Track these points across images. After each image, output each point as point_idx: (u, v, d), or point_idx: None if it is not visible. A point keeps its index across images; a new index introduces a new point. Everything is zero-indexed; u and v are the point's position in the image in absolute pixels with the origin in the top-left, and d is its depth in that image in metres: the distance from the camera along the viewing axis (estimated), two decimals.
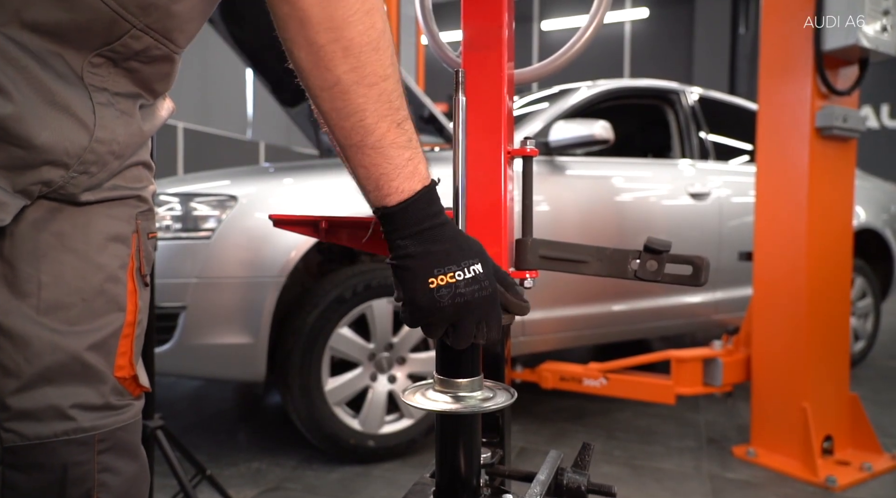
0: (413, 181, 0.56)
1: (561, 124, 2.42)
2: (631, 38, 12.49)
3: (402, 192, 0.55)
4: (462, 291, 0.56)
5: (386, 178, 0.55)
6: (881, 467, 2.01)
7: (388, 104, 0.53)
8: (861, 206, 3.39)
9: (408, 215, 0.55)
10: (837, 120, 1.99)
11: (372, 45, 0.52)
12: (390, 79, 0.53)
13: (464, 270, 0.56)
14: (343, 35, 0.51)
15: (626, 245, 0.74)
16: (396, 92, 0.54)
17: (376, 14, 0.52)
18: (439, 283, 0.55)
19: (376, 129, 0.53)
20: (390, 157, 0.54)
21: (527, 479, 0.66)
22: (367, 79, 0.52)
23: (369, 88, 0.52)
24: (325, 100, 0.53)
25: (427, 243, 0.56)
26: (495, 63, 0.75)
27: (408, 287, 0.56)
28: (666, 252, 0.70)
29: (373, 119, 0.53)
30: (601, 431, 2.41)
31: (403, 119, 0.55)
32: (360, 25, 0.51)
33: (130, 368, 0.64)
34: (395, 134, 0.54)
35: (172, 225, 1.92)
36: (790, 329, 2.08)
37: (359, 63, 0.51)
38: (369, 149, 0.54)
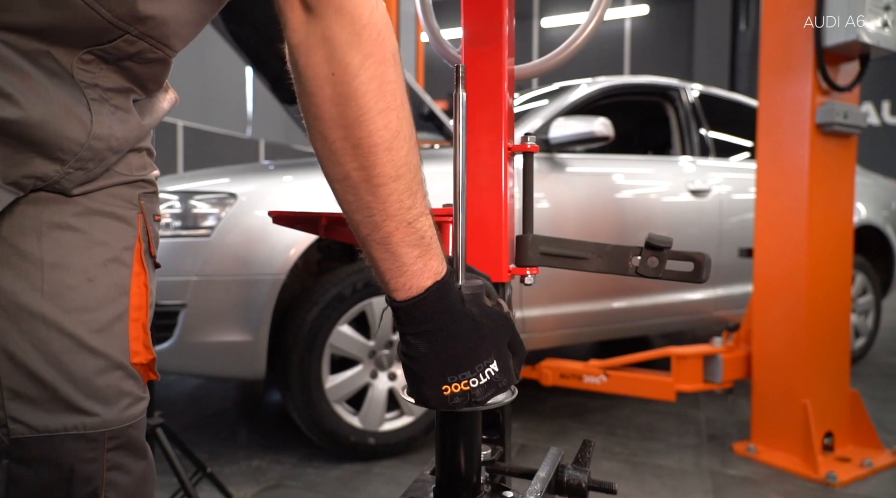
0: (422, 279, 0.53)
1: (561, 121, 2.41)
2: (631, 35, 12.47)
3: (409, 290, 0.53)
4: (478, 398, 0.54)
5: (392, 273, 0.53)
6: (882, 463, 2.01)
7: (397, 204, 0.52)
8: (862, 203, 3.39)
9: (415, 313, 0.53)
10: (838, 116, 1.98)
11: (384, 145, 0.50)
12: (402, 178, 0.52)
13: (478, 375, 0.54)
14: (353, 134, 0.50)
15: (626, 242, 0.74)
16: (409, 191, 0.52)
17: (392, 114, 0.51)
18: (453, 390, 0.53)
19: (383, 227, 0.52)
20: (398, 255, 0.53)
21: (527, 476, 0.65)
22: (375, 178, 0.51)
23: (377, 188, 0.51)
24: (337, 191, 0.54)
25: (437, 346, 0.53)
26: (496, 59, 0.75)
27: (418, 390, 0.55)
28: (667, 249, 0.70)
29: (380, 218, 0.52)
30: (601, 428, 2.41)
31: (416, 217, 0.53)
32: (372, 125, 0.50)
33: (147, 352, 0.62)
34: (404, 233, 0.52)
35: (172, 223, 1.92)
36: (791, 326, 2.08)
37: (367, 162, 0.50)
38: (377, 244, 0.53)
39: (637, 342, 3.62)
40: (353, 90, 0.49)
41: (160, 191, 1.95)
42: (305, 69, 0.50)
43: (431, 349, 0.53)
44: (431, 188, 2.10)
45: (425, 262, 0.53)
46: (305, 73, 0.50)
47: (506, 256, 0.75)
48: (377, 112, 0.50)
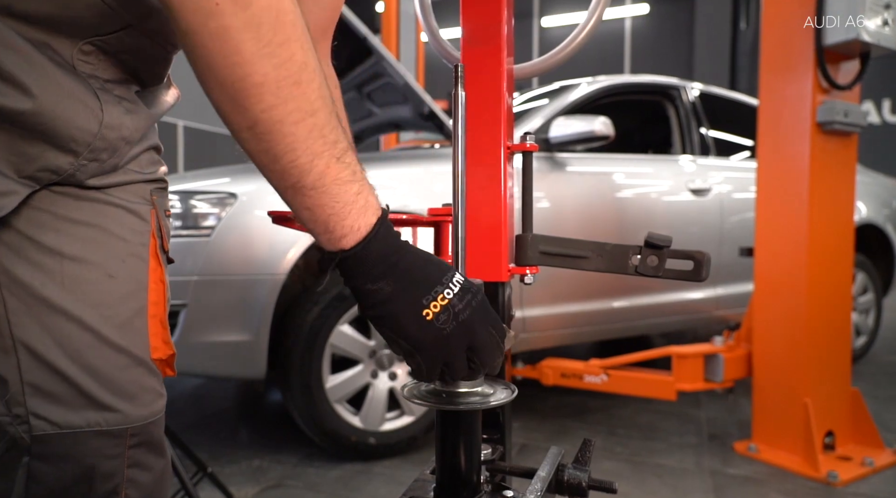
0: (367, 215, 0.50)
1: (561, 121, 2.41)
2: (631, 34, 12.46)
3: (358, 230, 0.50)
4: (459, 306, 0.52)
5: (336, 218, 0.49)
6: (883, 462, 2.00)
7: (321, 139, 0.48)
8: (862, 202, 3.39)
9: (371, 254, 0.50)
10: (838, 115, 1.98)
11: (292, 78, 0.46)
12: (320, 112, 0.48)
13: (448, 285, 0.52)
14: (255, 70, 0.45)
15: (626, 241, 0.74)
16: (330, 124, 0.49)
17: (294, 45, 0.46)
18: (433, 310, 0.51)
19: (313, 168, 0.48)
20: (336, 194, 0.49)
21: (528, 475, 0.65)
22: (291, 116, 0.46)
23: (296, 125, 0.47)
24: (247, 141, 0.48)
25: (402, 276, 0.51)
26: (495, 58, 0.74)
27: (403, 332, 0.51)
28: (667, 247, 0.70)
29: (306, 158, 0.47)
30: (602, 428, 2.41)
31: (343, 152, 0.49)
32: (275, 59, 0.45)
33: (167, 347, 0.61)
34: (337, 169, 0.49)
35: (172, 222, 1.92)
36: (791, 325, 2.08)
37: (278, 100, 0.46)
38: (309, 190, 0.48)
39: (638, 342, 3.62)
40: (246, 21, 0.44)
41: None
42: (182, 2, 0.43)
43: (396, 283, 0.50)
44: (431, 188, 2.11)
45: (365, 197, 0.51)
46: (184, 6, 0.43)
47: (505, 256, 0.75)
48: (277, 44, 0.45)
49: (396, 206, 2.05)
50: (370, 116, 2.81)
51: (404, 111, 2.63)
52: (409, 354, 0.53)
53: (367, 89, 2.62)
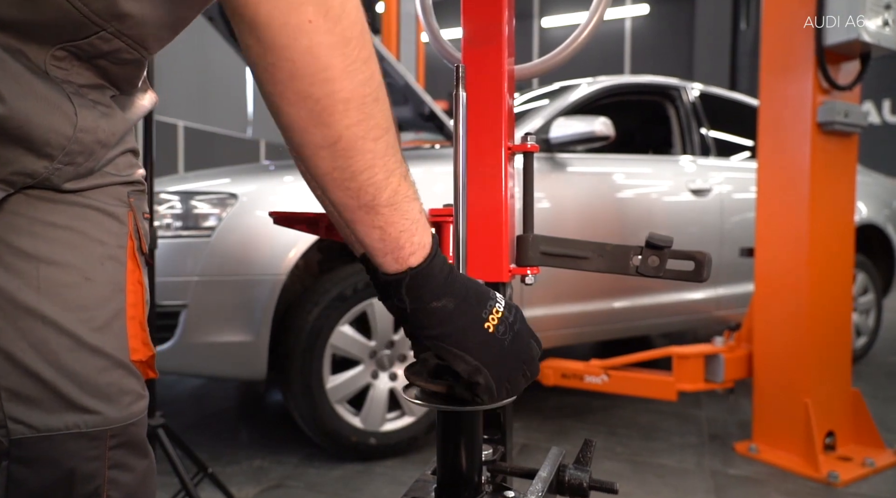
0: (428, 232, 0.51)
1: (561, 121, 2.41)
2: (631, 35, 12.47)
3: (424, 246, 0.51)
4: (511, 318, 0.53)
5: (407, 234, 0.50)
6: (883, 463, 2.00)
7: (395, 156, 0.49)
8: (863, 202, 3.39)
9: (434, 269, 0.51)
10: (839, 115, 1.98)
11: (373, 95, 0.47)
12: (392, 129, 0.49)
13: (496, 299, 0.54)
14: (344, 86, 0.45)
15: (627, 241, 0.74)
16: (397, 144, 0.50)
17: (374, 63, 0.47)
18: (493, 323, 0.52)
19: (388, 185, 0.48)
20: (406, 211, 0.49)
21: (528, 475, 0.65)
22: (372, 132, 0.47)
23: (375, 142, 0.47)
24: (325, 159, 0.47)
25: (461, 291, 0.51)
26: (496, 59, 0.74)
27: (469, 346, 0.51)
28: (667, 248, 0.70)
29: (383, 175, 0.48)
30: (603, 428, 2.41)
31: (407, 169, 0.51)
32: (361, 75, 0.46)
33: (146, 348, 0.61)
34: (406, 186, 0.50)
35: (173, 223, 1.92)
36: (792, 325, 2.08)
37: (363, 116, 0.46)
38: (384, 207, 0.49)
39: (638, 342, 3.62)
40: (337, 38, 0.44)
41: (161, 191, 1.96)
42: (271, 18, 0.43)
43: (457, 298, 0.51)
44: (432, 188, 2.11)
45: (424, 216, 0.52)
46: (273, 22, 0.43)
47: (506, 256, 0.75)
48: (363, 61, 0.46)
49: None
50: None
51: (405, 112, 2.63)
52: (475, 371, 0.52)
53: None
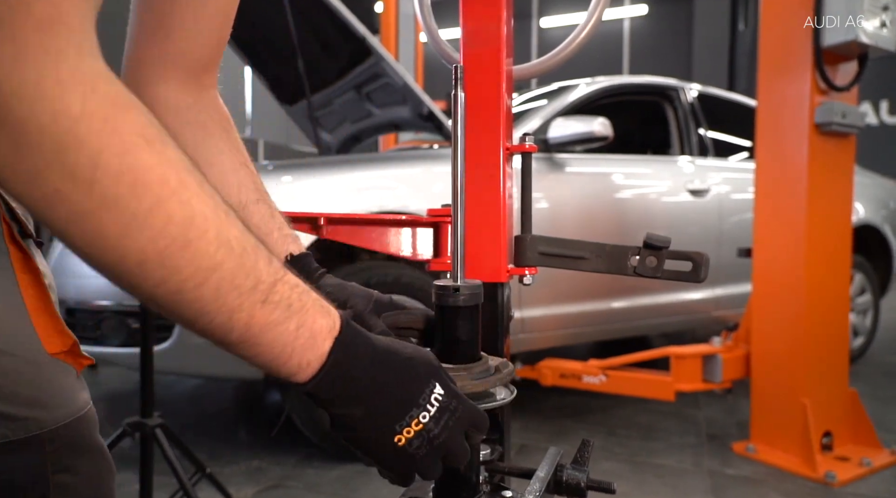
0: (317, 346, 0.44)
1: (560, 121, 2.41)
2: (630, 35, 12.48)
3: (309, 365, 0.44)
4: (436, 431, 0.47)
5: (278, 360, 0.43)
6: (880, 463, 2.01)
7: (234, 292, 0.40)
8: (860, 203, 3.39)
9: (333, 384, 0.45)
10: (836, 116, 1.99)
11: (177, 243, 0.37)
12: (225, 262, 0.40)
13: (426, 406, 0.47)
14: (129, 250, 0.37)
15: (625, 242, 0.74)
16: (242, 270, 0.41)
17: (170, 203, 0.37)
18: (406, 436, 0.46)
19: (234, 325, 0.41)
20: (271, 341, 0.43)
21: (526, 475, 0.65)
22: (188, 282, 0.39)
23: (198, 290, 0.39)
24: (158, 309, 0.41)
25: (373, 400, 0.46)
26: (494, 59, 0.75)
27: (377, 458, 0.48)
28: (665, 248, 0.70)
29: (223, 317, 0.41)
30: (601, 428, 2.41)
31: (268, 290, 0.42)
32: (149, 230, 0.37)
33: (62, 337, 0.54)
34: (264, 314, 0.42)
35: None
36: (789, 325, 2.08)
37: (167, 272, 0.38)
38: (239, 344, 0.42)
39: (636, 342, 3.62)
40: (97, 202, 0.35)
41: None
42: (18, 192, 0.36)
43: (368, 407, 0.46)
44: (430, 188, 2.11)
45: (309, 326, 0.44)
46: (23, 197, 0.36)
47: (504, 256, 0.75)
48: (145, 214, 0.37)
49: (395, 206, 2.05)
50: (369, 117, 2.81)
51: (403, 112, 2.64)
52: (379, 470, 0.50)
53: (366, 90, 2.62)
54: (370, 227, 0.78)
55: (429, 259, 0.80)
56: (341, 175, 2.11)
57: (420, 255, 0.81)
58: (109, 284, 0.42)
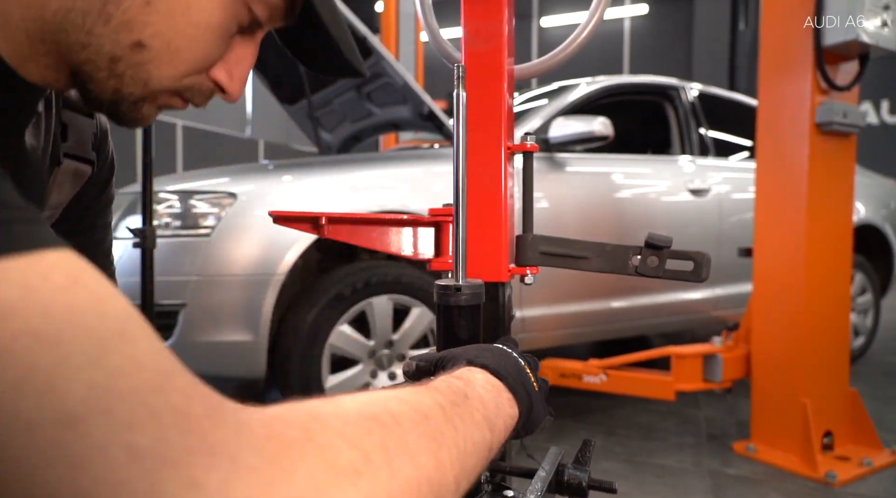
0: (501, 396, 0.52)
1: (560, 121, 2.41)
2: (630, 35, 12.47)
3: (512, 402, 0.54)
4: (535, 376, 0.59)
5: (505, 426, 0.52)
6: (881, 463, 2.01)
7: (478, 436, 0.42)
8: (861, 202, 3.39)
9: (518, 391, 0.56)
10: (837, 115, 1.98)
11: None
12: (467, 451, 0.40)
13: (516, 353, 0.60)
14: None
15: (625, 241, 0.74)
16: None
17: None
18: (532, 379, 0.58)
19: (492, 440, 0.45)
20: (501, 426, 0.49)
21: (528, 475, 0.65)
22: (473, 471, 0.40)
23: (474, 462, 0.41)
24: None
25: (518, 382, 0.56)
26: (495, 59, 0.74)
27: (537, 410, 0.59)
28: (667, 248, 0.70)
29: (489, 440, 0.44)
30: (601, 428, 2.41)
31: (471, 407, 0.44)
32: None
33: None
34: (484, 427, 0.45)
35: (172, 222, 1.92)
36: (790, 325, 2.08)
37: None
38: (493, 440, 0.48)
39: (636, 342, 3.62)
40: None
41: (160, 190, 1.96)
42: None
43: (525, 389, 0.56)
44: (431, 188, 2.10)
45: (497, 394, 0.50)
46: None
47: (506, 256, 0.75)
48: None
49: (396, 205, 2.05)
50: (369, 116, 2.81)
51: (404, 111, 2.64)
52: (546, 425, 0.61)
53: (366, 89, 2.62)
54: (371, 226, 0.78)
55: (430, 259, 0.80)
56: (341, 175, 2.11)
57: (421, 254, 0.80)
58: None
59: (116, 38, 0.42)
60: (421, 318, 2.10)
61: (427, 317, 2.10)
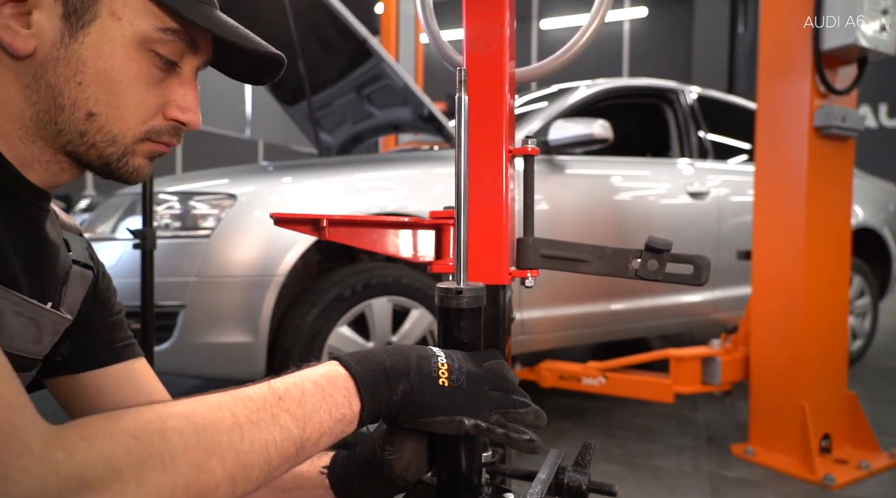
0: (337, 376, 0.51)
1: (560, 123, 2.42)
2: (630, 37, 12.49)
3: (348, 390, 0.51)
4: (456, 365, 0.55)
5: (338, 413, 0.50)
6: (879, 466, 2.01)
7: (266, 421, 0.46)
8: (859, 205, 3.40)
9: (373, 385, 0.51)
10: (836, 119, 1.99)
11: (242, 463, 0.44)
12: (235, 429, 0.45)
13: (437, 354, 0.55)
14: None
15: (624, 244, 0.74)
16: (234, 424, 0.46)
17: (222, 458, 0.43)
18: (444, 376, 0.53)
19: (290, 429, 0.47)
20: (313, 409, 0.48)
21: (528, 478, 0.66)
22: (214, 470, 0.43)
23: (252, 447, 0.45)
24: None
25: (402, 370, 0.53)
26: (497, 62, 0.75)
27: (441, 408, 0.53)
28: (667, 251, 0.70)
29: (278, 433, 0.46)
30: (600, 430, 2.41)
31: (276, 403, 0.48)
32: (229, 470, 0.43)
33: None
34: (290, 403, 0.48)
35: (172, 224, 1.92)
36: (788, 328, 2.08)
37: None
38: (305, 434, 0.48)
39: (635, 344, 3.62)
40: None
41: (160, 192, 1.96)
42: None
43: (407, 378, 0.53)
44: (431, 190, 2.11)
45: (318, 374, 0.51)
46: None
47: (506, 259, 0.75)
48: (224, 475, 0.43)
49: (395, 207, 2.05)
50: (370, 118, 2.82)
51: (404, 113, 2.64)
52: (457, 424, 0.53)
53: (366, 91, 2.63)
54: (372, 228, 0.78)
55: (430, 261, 0.80)
56: (341, 176, 2.12)
57: (421, 257, 0.80)
58: None
59: (73, 118, 0.53)
60: (420, 320, 2.10)
61: (426, 319, 2.10)
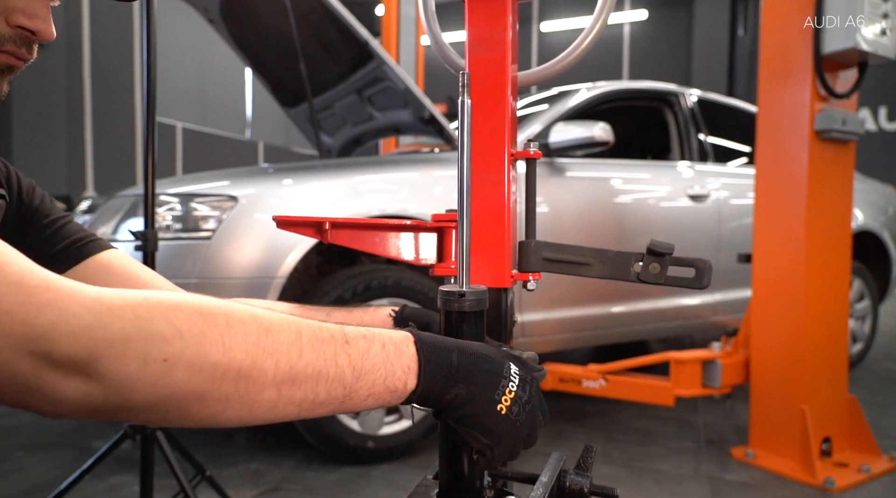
0: (404, 352, 0.50)
1: (560, 126, 2.42)
2: (630, 40, 12.51)
3: (409, 369, 0.50)
4: (525, 397, 0.53)
5: (390, 381, 0.49)
6: (879, 469, 2.01)
7: (317, 354, 0.46)
8: (859, 209, 3.40)
9: (433, 374, 0.50)
10: (836, 123, 1.99)
11: (259, 346, 0.43)
12: (304, 334, 0.46)
13: (510, 377, 0.53)
14: (232, 367, 0.41)
15: (625, 247, 0.75)
16: (312, 334, 0.46)
17: (216, 317, 0.42)
18: (506, 404, 0.52)
19: (342, 367, 0.46)
20: (371, 370, 0.48)
21: (529, 480, 0.66)
22: (284, 370, 0.44)
23: (300, 368, 0.45)
24: (288, 407, 0.46)
25: (468, 376, 0.51)
26: (500, 65, 0.75)
27: (486, 429, 0.52)
28: (669, 255, 0.70)
29: (332, 367, 0.46)
30: (600, 432, 2.41)
31: (341, 334, 0.48)
32: (235, 350, 0.41)
33: None
34: (354, 354, 0.47)
35: (173, 225, 1.92)
36: (789, 331, 2.08)
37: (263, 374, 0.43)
38: (355, 383, 0.47)
39: (636, 347, 3.62)
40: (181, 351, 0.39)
41: (161, 193, 1.96)
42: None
43: (468, 385, 0.51)
44: (431, 192, 2.11)
45: (392, 342, 0.50)
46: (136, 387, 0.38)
47: (508, 262, 0.75)
48: (218, 338, 0.41)
49: (395, 209, 2.05)
50: (370, 120, 2.82)
51: (404, 115, 2.64)
52: (485, 447, 0.53)
53: (367, 93, 2.63)
54: (374, 231, 0.78)
55: (432, 264, 0.80)
56: (342, 178, 2.12)
57: (423, 260, 0.81)
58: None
59: None
60: None
61: None
